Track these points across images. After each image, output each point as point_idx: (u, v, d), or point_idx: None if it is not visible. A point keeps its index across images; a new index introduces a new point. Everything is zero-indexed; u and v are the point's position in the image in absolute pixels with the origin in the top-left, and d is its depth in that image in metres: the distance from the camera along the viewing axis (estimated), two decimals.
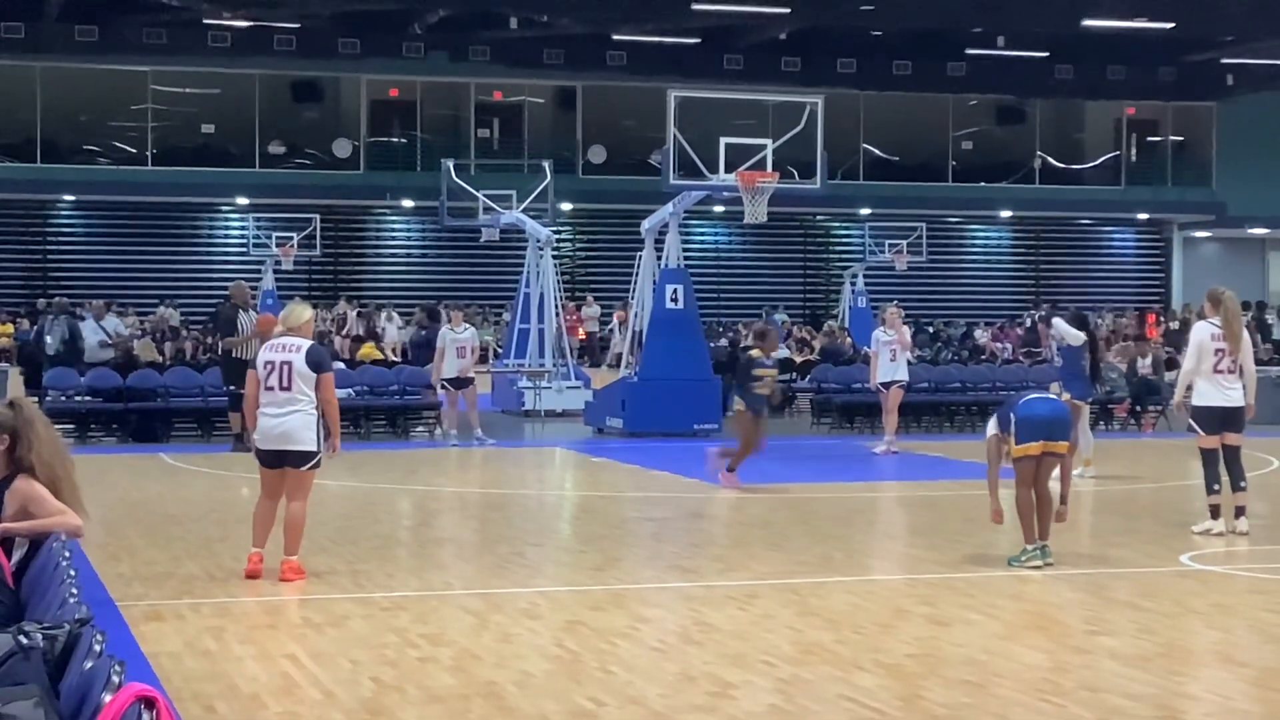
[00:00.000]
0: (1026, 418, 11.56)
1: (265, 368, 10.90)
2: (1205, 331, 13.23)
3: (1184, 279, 48.12)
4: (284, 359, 10.88)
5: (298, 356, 10.89)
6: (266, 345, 11.16)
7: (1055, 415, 11.70)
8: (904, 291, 43.53)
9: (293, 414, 10.84)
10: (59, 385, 22.37)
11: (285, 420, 10.84)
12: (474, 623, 9.41)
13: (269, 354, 10.96)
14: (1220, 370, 13.17)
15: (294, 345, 10.97)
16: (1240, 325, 13.41)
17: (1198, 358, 13.19)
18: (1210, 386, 13.20)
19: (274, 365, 10.87)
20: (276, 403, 10.87)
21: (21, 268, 41.86)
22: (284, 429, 10.85)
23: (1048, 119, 47.52)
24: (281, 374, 10.84)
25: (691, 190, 22.61)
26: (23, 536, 7.01)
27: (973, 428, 25.78)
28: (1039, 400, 11.93)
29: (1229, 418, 13.27)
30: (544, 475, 19.91)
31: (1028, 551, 11.54)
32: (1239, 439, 13.39)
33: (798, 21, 38.09)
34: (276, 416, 10.86)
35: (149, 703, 3.86)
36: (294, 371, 10.84)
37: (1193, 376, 13.30)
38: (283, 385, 10.84)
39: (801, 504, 12.30)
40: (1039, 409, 11.69)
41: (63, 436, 7.50)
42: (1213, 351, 13.14)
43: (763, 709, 7.43)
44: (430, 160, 39.89)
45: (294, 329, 11.12)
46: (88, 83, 41.24)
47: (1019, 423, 11.54)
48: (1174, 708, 7.52)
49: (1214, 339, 13.16)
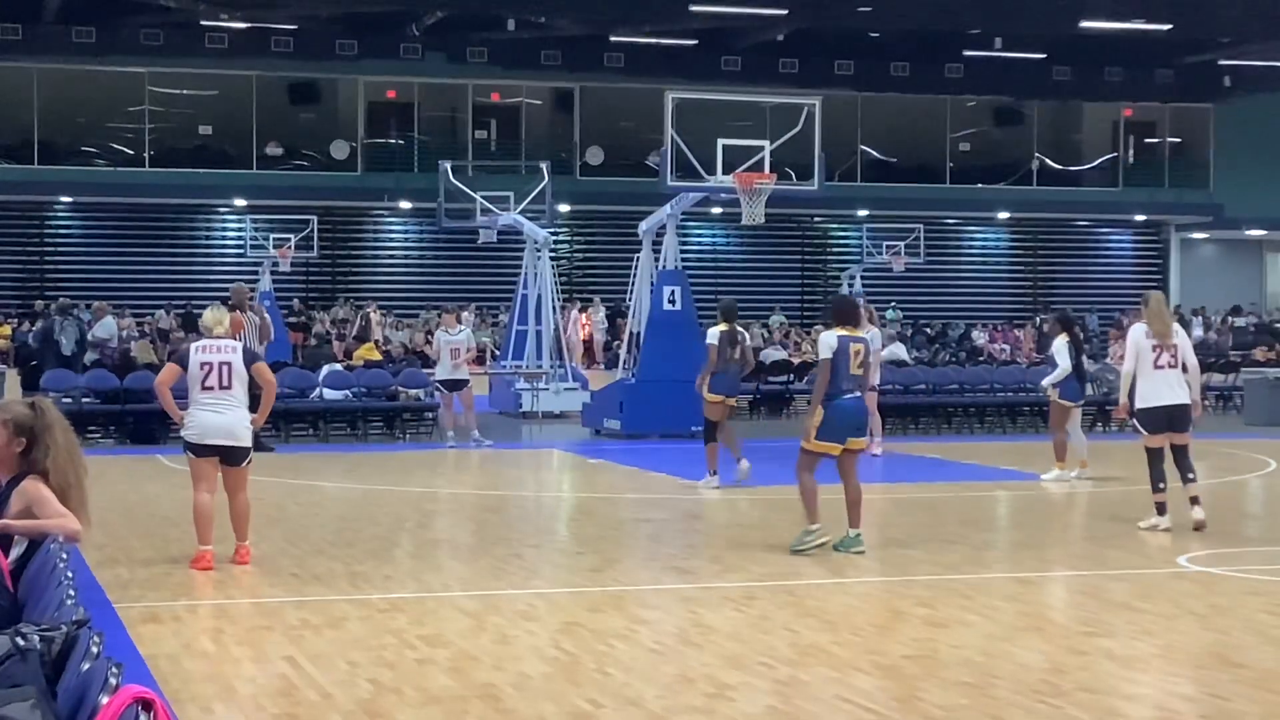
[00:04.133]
0: (829, 419, 12.07)
1: (203, 368, 11.48)
2: (1139, 332, 13.66)
3: (1181, 280, 48.16)
4: (223, 359, 11.53)
5: (235, 357, 11.57)
6: (198, 347, 11.71)
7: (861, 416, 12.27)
8: (902, 293, 43.61)
9: (230, 411, 11.47)
10: (57, 386, 22.35)
11: (226, 416, 11.45)
12: (471, 624, 9.41)
13: (205, 355, 11.55)
14: (1161, 366, 13.50)
15: (230, 346, 11.69)
16: (1168, 320, 13.74)
17: (1135, 358, 13.58)
18: (1151, 387, 13.50)
19: (212, 366, 11.48)
20: (217, 400, 11.46)
21: (19, 269, 41.84)
22: (226, 425, 11.45)
23: (1045, 120, 47.55)
24: (221, 373, 11.46)
25: (689, 191, 22.60)
26: (21, 535, 7.00)
27: (970, 429, 25.80)
28: (848, 400, 12.15)
29: (1173, 417, 13.50)
30: (541, 477, 19.91)
31: (812, 531, 12.11)
32: (1185, 439, 13.65)
33: (795, 23, 38.10)
34: (217, 413, 11.44)
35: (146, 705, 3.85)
36: (233, 371, 11.49)
37: (1131, 378, 13.65)
38: (223, 384, 11.46)
39: (799, 505, 12.30)
40: (844, 410, 12.08)
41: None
42: (1150, 349, 13.50)
43: (760, 710, 7.43)
44: (428, 162, 39.87)
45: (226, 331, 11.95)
46: (85, 84, 41.24)
47: (824, 422, 12.07)
48: (1171, 709, 7.52)
49: (1148, 336, 13.56)
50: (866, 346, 12.39)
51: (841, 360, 12.10)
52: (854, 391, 12.19)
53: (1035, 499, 16.64)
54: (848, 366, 12.11)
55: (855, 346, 12.20)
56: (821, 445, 12.19)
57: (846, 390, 12.12)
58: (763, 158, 21.69)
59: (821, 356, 12.38)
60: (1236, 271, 47.76)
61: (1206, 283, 47.75)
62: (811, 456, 12.25)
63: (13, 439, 7.17)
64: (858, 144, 45.33)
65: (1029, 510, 15.96)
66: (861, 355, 12.21)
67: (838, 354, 12.11)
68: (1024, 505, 16.31)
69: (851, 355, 12.13)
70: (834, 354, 12.11)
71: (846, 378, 12.11)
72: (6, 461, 7.22)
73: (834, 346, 12.14)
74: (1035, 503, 16.40)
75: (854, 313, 12.71)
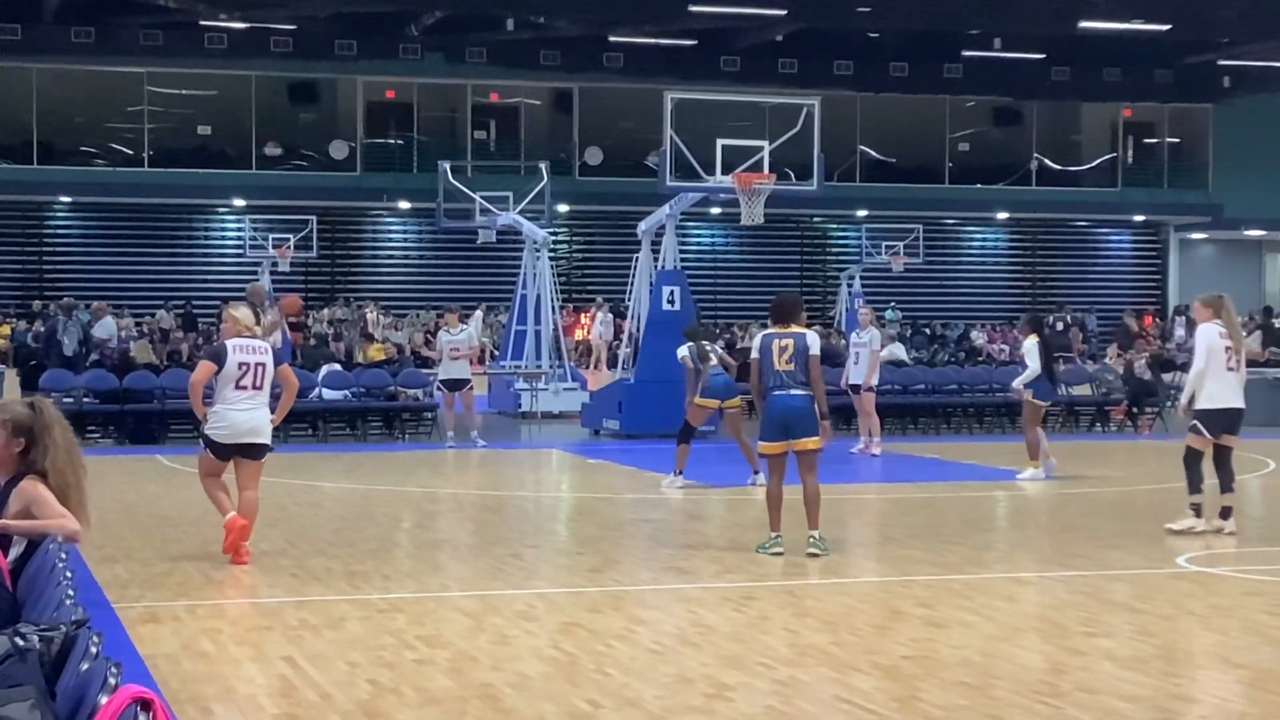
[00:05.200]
0: (764, 418, 12.16)
1: (240, 368, 11.59)
2: (1213, 332, 13.36)
3: (1180, 281, 48.17)
4: (259, 360, 11.67)
5: (269, 358, 11.75)
6: (236, 346, 11.73)
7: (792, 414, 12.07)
8: (901, 293, 43.60)
9: (260, 410, 11.68)
10: (56, 386, 22.35)
11: (254, 415, 11.65)
12: (471, 625, 9.41)
13: (242, 355, 11.66)
14: (1232, 368, 13.39)
15: (263, 347, 11.84)
16: (1238, 322, 13.74)
17: (1207, 357, 13.29)
18: (1220, 389, 13.32)
19: (249, 366, 11.60)
20: (249, 400, 11.62)
21: (18, 270, 41.84)
22: (254, 424, 11.64)
23: (1044, 121, 47.55)
24: (256, 374, 11.62)
25: (688, 192, 22.61)
26: (20, 535, 6.99)
27: (970, 429, 25.80)
28: (775, 397, 12.12)
29: (1233, 420, 13.48)
30: (541, 477, 19.91)
31: (772, 539, 12.11)
32: (1235, 442, 13.57)
33: (794, 23, 38.09)
34: (248, 412, 11.61)
35: (145, 705, 3.85)
36: (267, 372, 11.69)
37: (1201, 378, 13.35)
38: (256, 384, 11.64)
39: (798, 505, 12.30)
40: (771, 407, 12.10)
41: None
42: (1223, 350, 13.31)
43: (759, 711, 7.42)
44: (427, 162, 39.88)
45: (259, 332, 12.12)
46: (84, 84, 41.25)
47: (761, 421, 12.16)
48: (1171, 709, 7.51)
49: (1222, 337, 13.34)
50: (796, 342, 12.11)
51: (765, 358, 12.11)
52: (785, 388, 12.06)
53: (1035, 499, 16.64)
54: (772, 363, 12.09)
55: (781, 343, 12.12)
56: (762, 446, 12.28)
57: (774, 388, 12.10)
58: (762, 158, 21.70)
59: (751, 357, 12.49)
60: (1236, 272, 47.71)
61: (1205, 283, 47.51)
62: (768, 459, 12.30)
63: (11, 439, 7.17)
64: (857, 144, 45.34)
65: (1028, 510, 15.97)
66: (790, 350, 12.07)
67: (761, 352, 12.16)
68: (1023, 505, 16.31)
69: (775, 352, 12.09)
70: (759, 352, 12.18)
71: (772, 374, 12.09)
72: (5, 462, 7.21)
73: (758, 345, 12.27)
74: (1035, 503, 16.40)
75: (788, 310, 12.50)
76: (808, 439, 12.11)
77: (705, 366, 16.88)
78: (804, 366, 12.10)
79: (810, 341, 12.23)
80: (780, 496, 12.20)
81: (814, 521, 12.15)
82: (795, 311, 12.65)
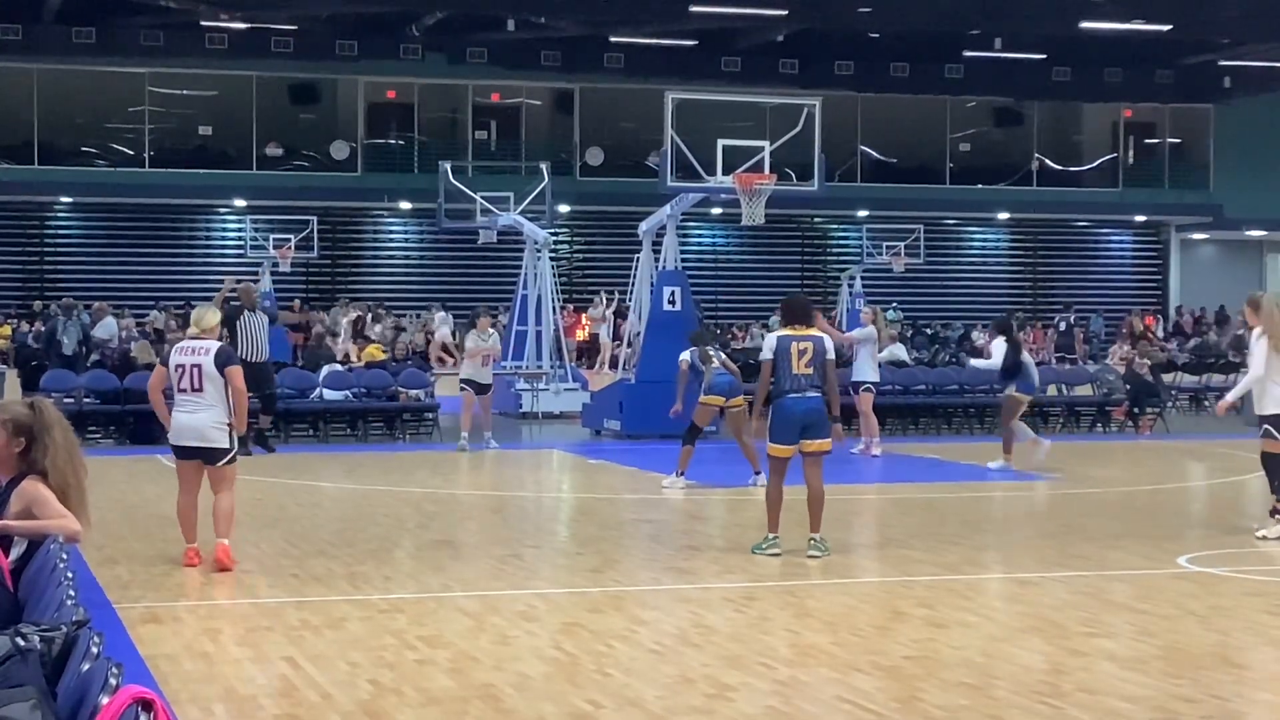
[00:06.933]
0: (774, 421, 12.13)
1: (176, 370, 11.52)
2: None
3: (1181, 281, 48.18)
4: (193, 362, 11.51)
5: (206, 359, 11.52)
6: (176, 349, 11.76)
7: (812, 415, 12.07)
8: (902, 294, 43.60)
9: (201, 413, 11.46)
10: (57, 386, 22.34)
11: (194, 418, 11.47)
12: (471, 625, 9.41)
13: (179, 357, 11.58)
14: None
15: (203, 348, 11.60)
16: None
17: (1265, 362, 13.12)
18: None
19: (184, 368, 11.50)
20: (189, 402, 11.51)
21: (19, 270, 41.84)
22: (193, 425, 11.48)
23: (1045, 121, 47.55)
24: (191, 375, 11.48)
25: (689, 192, 22.60)
26: (21, 536, 6.99)
27: (970, 430, 25.79)
28: (789, 400, 12.10)
29: None
30: (541, 477, 19.90)
31: (769, 539, 12.12)
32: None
33: (795, 23, 38.08)
34: (188, 414, 11.50)
35: (146, 705, 3.85)
36: (203, 373, 11.46)
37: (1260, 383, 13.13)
38: (194, 386, 11.48)
39: (797, 506, 12.30)
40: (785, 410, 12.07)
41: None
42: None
43: (760, 711, 7.42)
44: (428, 162, 39.88)
45: (206, 332, 11.77)
46: (85, 85, 41.24)
47: (771, 424, 12.13)
48: (1172, 710, 7.51)
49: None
50: (815, 345, 12.14)
51: (782, 361, 12.09)
52: (802, 391, 12.07)
53: (1035, 499, 16.64)
54: (790, 367, 12.08)
55: (800, 345, 12.11)
56: (773, 448, 12.26)
57: (790, 390, 12.09)
58: (762, 158, 21.68)
59: (761, 358, 12.44)
60: (1236, 272, 47.70)
61: (1206, 283, 47.75)
62: (774, 461, 12.29)
63: (12, 439, 7.17)
64: (857, 144, 45.34)
65: (1029, 511, 15.97)
66: (809, 354, 12.09)
67: (777, 354, 12.13)
68: (1024, 506, 16.31)
69: (794, 355, 12.09)
70: (774, 354, 12.15)
71: (789, 378, 12.08)
72: (6, 462, 7.21)
73: (773, 347, 12.21)
74: (1035, 503, 16.41)
75: (802, 312, 12.52)
76: (822, 440, 12.17)
77: (708, 368, 16.90)
78: (821, 369, 12.16)
79: (828, 345, 12.31)
80: (781, 498, 12.22)
81: (816, 524, 12.17)
82: (809, 313, 12.71)
